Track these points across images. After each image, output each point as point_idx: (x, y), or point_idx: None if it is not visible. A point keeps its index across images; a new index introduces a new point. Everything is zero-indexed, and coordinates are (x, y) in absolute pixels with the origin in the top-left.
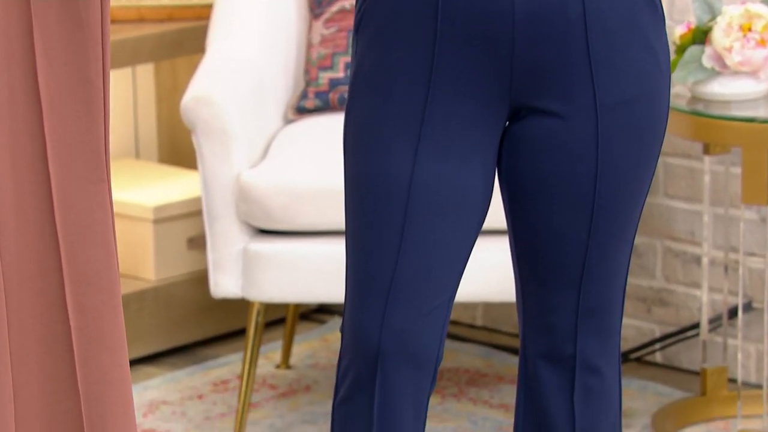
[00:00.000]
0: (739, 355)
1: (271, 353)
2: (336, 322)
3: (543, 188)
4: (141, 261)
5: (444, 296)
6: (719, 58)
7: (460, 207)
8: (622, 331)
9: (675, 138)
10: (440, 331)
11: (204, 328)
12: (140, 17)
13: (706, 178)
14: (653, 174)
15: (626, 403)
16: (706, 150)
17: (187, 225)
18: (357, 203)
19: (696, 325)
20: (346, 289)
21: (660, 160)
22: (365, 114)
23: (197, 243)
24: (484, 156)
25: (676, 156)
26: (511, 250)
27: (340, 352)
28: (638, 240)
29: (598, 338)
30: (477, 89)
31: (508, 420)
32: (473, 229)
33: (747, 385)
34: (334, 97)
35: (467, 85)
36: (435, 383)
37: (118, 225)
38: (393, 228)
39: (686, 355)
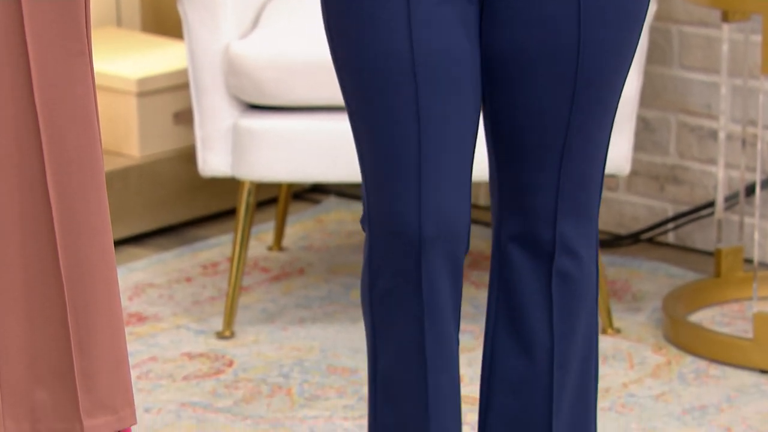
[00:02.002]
0: (756, 234)
1: (262, 234)
2: (331, 201)
3: (524, 65)
4: (125, 137)
5: (468, 167)
6: None
7: (463, 78)
8: (633, 211)
9: (691, 5)
10: (469, 203)
11: (192, 207)
12: None
13: (724, 48)
14: (636, 47)
15: (636, 286)
16: (725, 17)
17: (173, 99)
18: (360, 86)
19: (711, 204)
20: (364, 177)
21: (675, 28)
22: None
23: (184, 118)
24: (467, 29)
25: (693, 24)
26: (486, 131)
27: (370, 244)
28: (651, 114)
29: (577, 220)
30: None
31: None
32: (478, 101)
33: (763, 265)
34: None
35: None
36: (467, 253)
37: (100, 98)
38: (407, 105)
39: (700, 235)
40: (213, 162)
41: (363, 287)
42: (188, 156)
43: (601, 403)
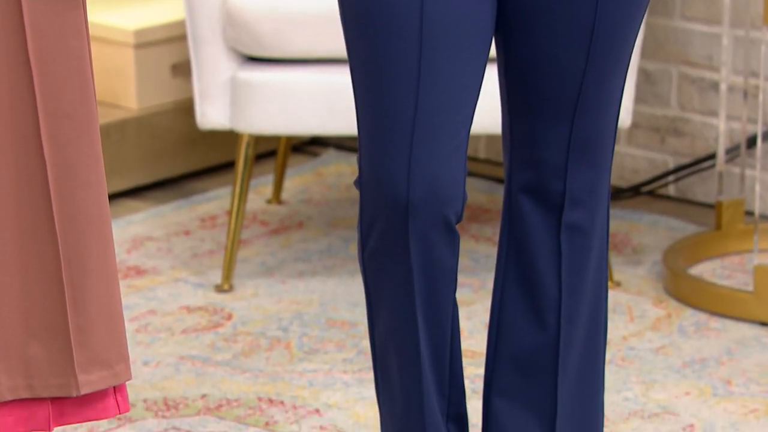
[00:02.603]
0: (757, 187)
1: (261, 187)
2: (330, 154)
3: (541, 14)
4: (122, 88)
5: (465, 130)
6: None
7: (471, 34)
8: (634, 164)
9: None
10: (464, 168)
11: (190, 160)
12: None
13: None
14: None
15: (637, 239)
16: None
17: (171, 50)
18: (364, 41)
19: (712, 156)
20: (359, 136)
21: None
22: None
23: (182, 70)
24: None
25: None
26: (500, 82)
27: (361, 204)
28: (652, 66)
29: (588, 173)
30: None
31: None
32: (484, 56)
33: (764, 217)
34: None
35: None
36: (461, 220)
37: (96, 50)
38: (409, 63)
39: (701, 188)
40: (211, 115)
41: (357, 247)
42: (186, 108)
43: None
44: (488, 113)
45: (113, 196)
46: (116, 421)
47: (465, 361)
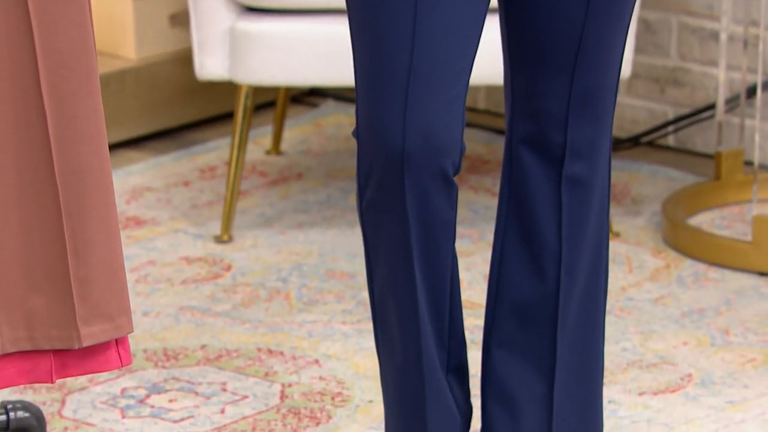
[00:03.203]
0: (757, 137)
1: (260, 138)
2: (329, 105)
3: None
4: (120, 38)
5: (462, 81)
6: None
7: None
8: (633, 114)
9: None
10: (461, 119)
11: (189, 111)
12: None
13: None
14: None
15: (636, 189)
16: None
17: (169, 0)
18: None
19: (712, 106)
20: (356, 86)
21: None
22: None
23: (180, 20)
24: None
25: None
26: (502, 32)
27: (358, 154)
28: (652, 16)
29: (589, 126)
30: None
31: None
32: (484, 8)
33: (764, 167)
34: None
35: None
36: (459, 171)
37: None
38: (405, 13)
39: (700, 138)
40: (210, 66)
41: (356, 198)
42: (185, 59)
43: None
44: (488, 64)
45: (112, 147)
46: (116, 372)
47: (464, 312)
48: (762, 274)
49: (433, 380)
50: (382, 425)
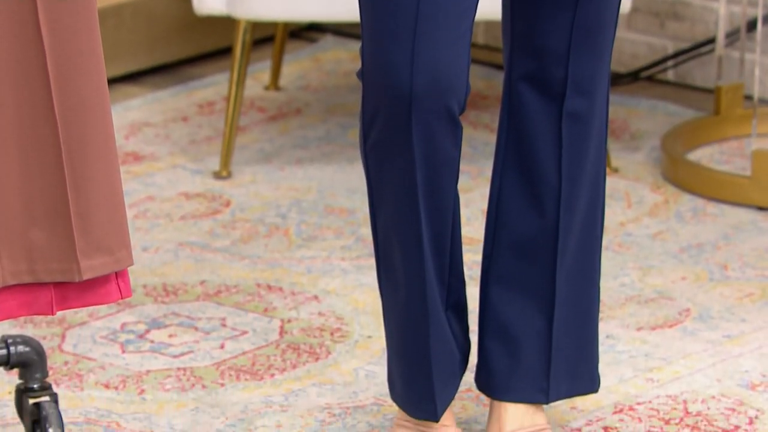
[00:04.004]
0: (757, 71)
1: (259, 74)
2: (328, 40)
3: None
4: None
5: (468, 20)
6: None
7: None
8: (633, 49)
9: None
10: (467, 58)
11: (188, 46)
12: None
13: None
14: None
15: (635, 124)
16: None
17: None
18: None
19: (712, 40)
20: (362, 26)
21: None
22: None
23: None
24: None
25: None
26: None
27: (364, 95)
28: None
29: (590, 60)
30: None
31: None
32: None
33: (764, 102)
34: None
35: None
36: (464, 110)
37: None
38: None
39: (700, 72)
40: (208, 0)
41: (359, 138)
42: None
43: None
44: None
45: (110, 81)
46: (116, 306)
47: (463, 248)
48: (761, 208)
49: (435, 316)
50: (381, 360)
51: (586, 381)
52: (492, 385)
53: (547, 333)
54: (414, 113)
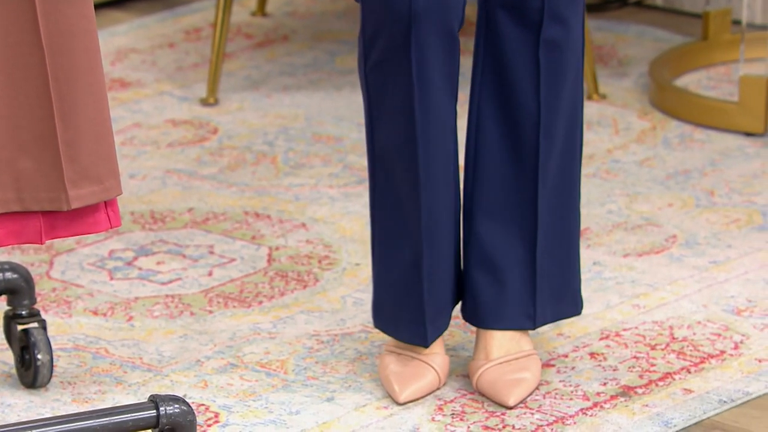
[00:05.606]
0: None
1: None
2: None
3: None
4: None
5: None
6: None
7: None
8: None
9: None
10: None
11: None
12: None
13: None
14: None
15: (623, 50)
16: None
17: None
18: None
19: None
20: None
21: None
22: None
23: None
24: None
25: None
26: None
27: (363, 17)
28: None
29: None
30: None
31: None
32: None
33: (752, 27)
34: None
35: None
36: (463, 25)
37: None
38: None
39: None
40: None
41: (359, 59)
42: None
43: (586, 170)
44: None
45: (97, 7)
46: (104, 234)
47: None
48: (748, 134)
49: (428, 233)
50: (369, 288)
51: (570, 304)
52: (479, 315)
53: (531, 260)
54: (414, 33)
